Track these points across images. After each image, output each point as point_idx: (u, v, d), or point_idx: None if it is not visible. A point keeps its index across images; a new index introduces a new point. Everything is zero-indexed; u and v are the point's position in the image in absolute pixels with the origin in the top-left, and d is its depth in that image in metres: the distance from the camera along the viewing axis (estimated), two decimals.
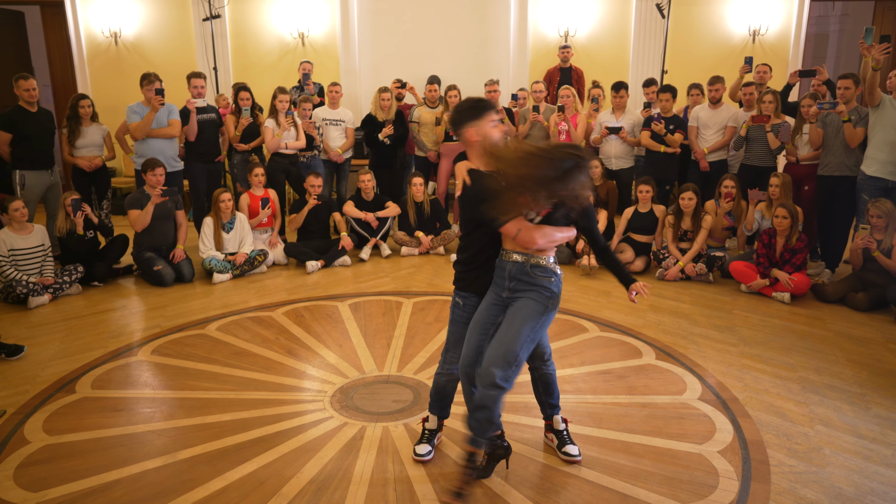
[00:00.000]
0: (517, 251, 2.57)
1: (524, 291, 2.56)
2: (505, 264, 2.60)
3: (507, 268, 2.59)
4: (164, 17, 8.70)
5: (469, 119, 2.60)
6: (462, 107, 2.64)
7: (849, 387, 3.58)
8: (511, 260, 2.58)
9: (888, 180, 4.96)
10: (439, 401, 2.92)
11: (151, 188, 5.47)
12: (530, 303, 2.54)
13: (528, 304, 2.54)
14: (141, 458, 2.89)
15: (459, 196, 2.66)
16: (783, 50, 8.50)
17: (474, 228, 2.66)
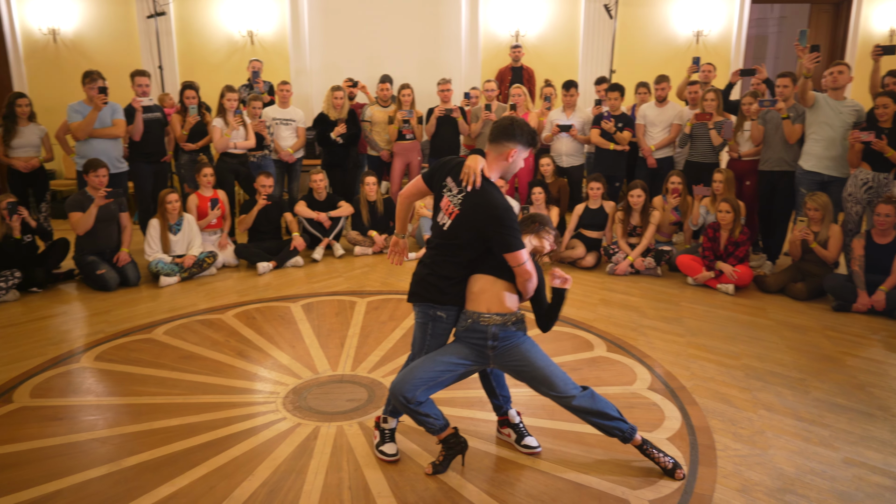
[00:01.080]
0: (496, 312, 2.65)
1: (510, 349, 2.68)
2: (485, 328, 2.65)
3: (488, 331, 2.65)
4: (106, 14, 8.43)
5: (521, 143, 2.61)
6: (523, 129, 2.61)
7: (789, 372, 3.72)
8: (492, 323, 2.65)
9: (824, 174, 5.17)
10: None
11: (94, 190, 5.29)
12: (526, 352, 2.69)
13: (526, 354, 2.68)
14: (84, 467, 2.79)
15: (481, 206, 2.57)
16: (725, 50, 8.77)
17: (485, 252, 2.64)
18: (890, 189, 4.90)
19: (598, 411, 2.68)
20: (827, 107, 5.11)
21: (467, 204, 2.59)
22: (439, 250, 2.70)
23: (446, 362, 2.69)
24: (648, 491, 2.63)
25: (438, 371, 2.67)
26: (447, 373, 2.69)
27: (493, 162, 2.64)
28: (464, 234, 2.62)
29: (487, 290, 2.66)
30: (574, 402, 2.66)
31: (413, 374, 2.66)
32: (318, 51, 8.81)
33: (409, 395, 2.62)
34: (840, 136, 5.07)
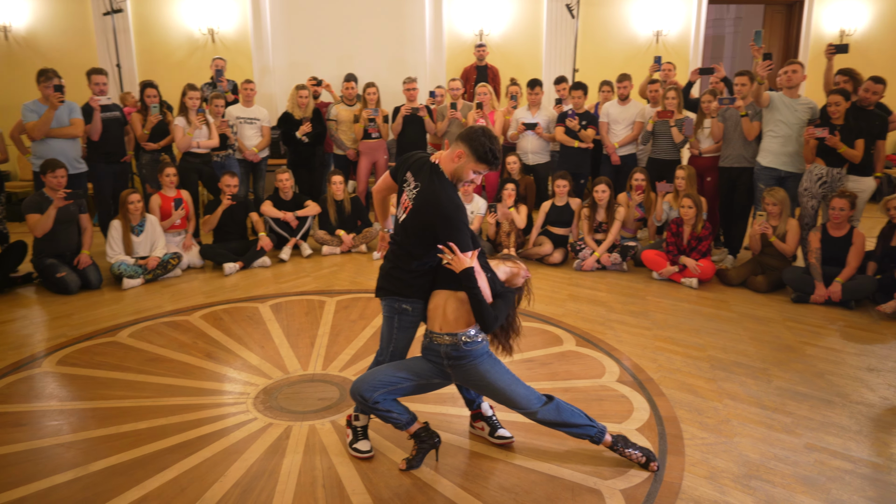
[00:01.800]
0: (445, 332, 2.63)
1: (466, 368, 2.66)
2: (438, 347, 2.67)
3: (440, 350, 2.66)
4: (60, 10, 8.19)
5: (471, 149, 2.55)
6: (482, 141, 2.54)
7: (752, 363, 3.83)
8: (443, 343, 2.65)
9: (781, 170, 5.33)
10: None
11: (52, 191, 5.14)
12: (484, 372, 2.66)
13: (484, 374, 2.66)
14: (49, 472, 2.72)
15: (433, 202, 2.56)
16: (684, 50, 8.97)
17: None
18: (843, 184, 5.08)
19: (564, 422, 2.71)
20: (782, 105, 5.27)
21: (419, 199, 2.61)
22: (399, 245, 2.71)
23: (408, 373, 2.71)
24: (620, 481, 2.68)
25: (399, 378, 2.69)
26: (407, 381, 2.70)
27: (446, 158, 2.64)
28: (415, 229, 2.63)
29: (440, 307, 2.66)
30: (538, 416, 2.69)
31: (375, 375, 2.68)
32: (281, 49, 8.72)
33: (366, 395, 2.64)
34: (796, 133, 5.24)
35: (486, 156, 2.56)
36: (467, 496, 2.59)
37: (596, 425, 2.75)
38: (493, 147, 2.56)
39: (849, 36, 8.98)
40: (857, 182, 5.07)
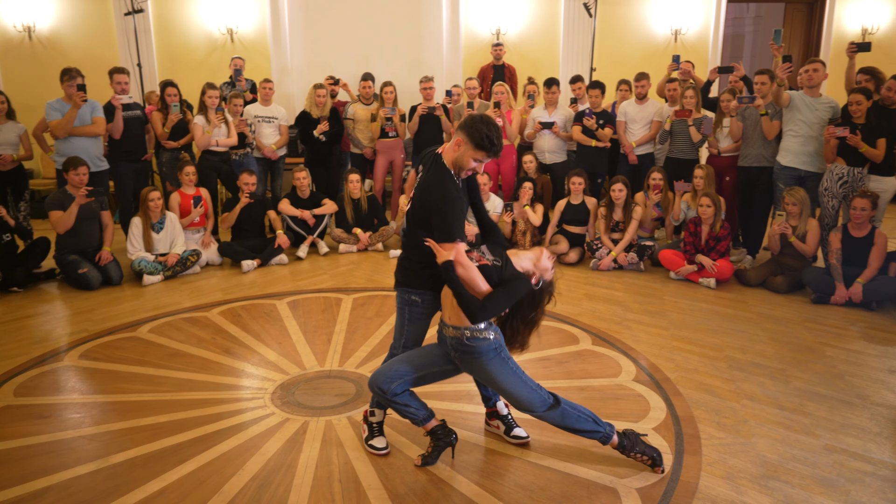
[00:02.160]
0: (451, 325, 2.62)
1: (471, 362, 2.65)
2: (445, 337, 2.67)
3: (447, 341, 2.67)
4: (82, 11, 8.31)
5: (469, 136, 2.52)
6: (479, 127, 2.50)
7: (770, 363, 3.79)
8: (449, 335, 2.64)
9: (801, 170, 5.28)
10: None
11: (74, 188, 5.22)
12: (490, 371, 2.64)
13: (490, 372, 2.64)
14: (72, 464, 2.77)
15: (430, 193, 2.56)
16: (703, 49, 8.90)
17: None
18: (864, 183, 5.01)
19: (569, 427, 2.70)
20: (803, 104, 5.22)
21: (418, 190, 2.63)
22: (408, 236, 2.75)
23: (421, 361, 2.72)
24: (636, 480, 2.68)
25: (415, 366, 2.70)
26: (421, 370, 2.70)
27: (449, 148, 2.63)
28: (417, 219, 2.64)
29: (448, 298, 2.62)
30: (542, 416, 2.69)
31: (391, 366, 2.70)
32: (299, 49, 8.77)
33: (384, 386, 2.66)
34: (816, 133, 5.18)
35: (483, 142, 2.50)
36: (483, 493, 2.60)
37: (602, 429, 2.71)
38: (491, 134, 2.51)
39: (871, 34, 8.85)
40: (878, 182, 5.00)
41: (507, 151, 6.58)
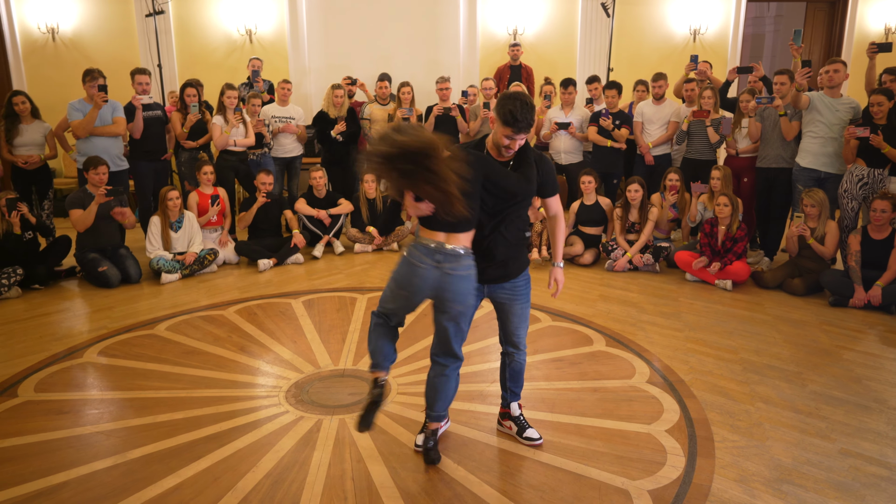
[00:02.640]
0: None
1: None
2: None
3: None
4: (104, 12, 8.44)
5: (497, 112, 2.54)
6: (504, 103, 2.50)
7: (786, 366, 3.76)
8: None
9: (821, 171, 5.22)
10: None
11: (94, 187, 5.31)
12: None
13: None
14: (90, 459, 2.82)
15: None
16: (722, 49, 8.81)
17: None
18: (885, 185, 4.94)
19: (441, 390, 2.77)
20: (823, 105, 5.16)
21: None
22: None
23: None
24: (647, 482, 2.67)
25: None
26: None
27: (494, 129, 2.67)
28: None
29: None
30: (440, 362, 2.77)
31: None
32: (316, 49, 8.83)
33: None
34: (836, 134, 5.12)
35: (507, 117, 2.49)
36: (495, 493, 2.61)
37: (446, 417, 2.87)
38: (515, 108, 2.47)
39: (895, 33, 8.71)
40: None
41: None
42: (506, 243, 2.70)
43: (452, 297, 2.57)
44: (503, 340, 2.92)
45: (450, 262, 2.54)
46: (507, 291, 2.77)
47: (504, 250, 2.70)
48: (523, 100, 2.53)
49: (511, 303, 2.79)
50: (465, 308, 2.64)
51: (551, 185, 2.75)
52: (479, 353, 3.88)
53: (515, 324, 2.84)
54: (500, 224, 2.67)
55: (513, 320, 2.83)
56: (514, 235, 2.71)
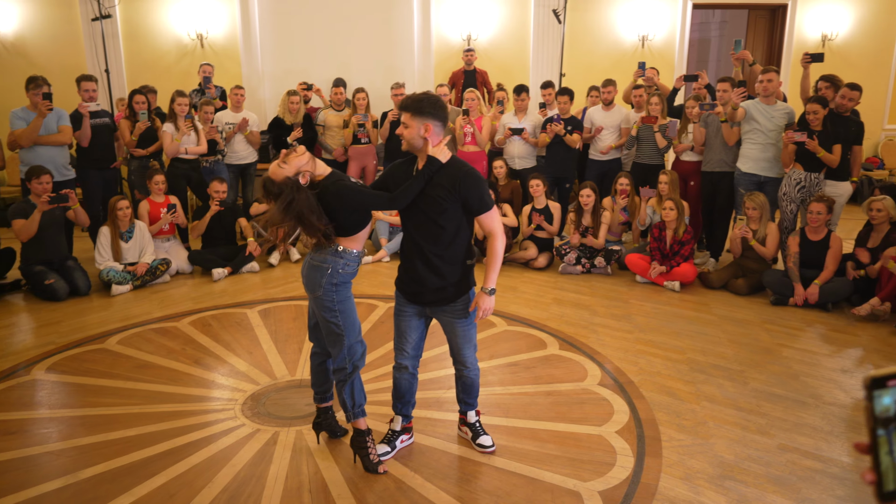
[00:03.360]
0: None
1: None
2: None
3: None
4: (49, 16, 8.20)
5: (434, 118, 2.67)
6: (437, 102, 2.67)
7: (730, 365, 3.92)
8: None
9: (760, 175, 5.44)
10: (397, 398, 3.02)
11: (37, 197, 5.17)
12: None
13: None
14: (39, 480, 2.77)
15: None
16: (669, 54, 9.07)
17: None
18: (821, 188, 5.18)
19: (344, 388, 2.84)
20: (758, 112, 5.37)
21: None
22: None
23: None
24: (598, 483, 2.76)
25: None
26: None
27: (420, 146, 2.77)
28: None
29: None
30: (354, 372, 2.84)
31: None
32: (270, 54, 8.75)
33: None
34: (774, 139, 5.34)
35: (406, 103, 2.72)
36: (450, 499, 2.67)
37: (357, 412, 2.86)
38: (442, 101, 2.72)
39: (831, 40, 9.11)
40: (834, 186, 5.18)
41: (477, 157, 6.65)
42: (433, 269, 2.71)
43: (304, 279, 2.78)
44: (452, 357, 2.99)
45: (316, 250, 2.74)
46: (448, 314, 2.82)
47: (434, 277, 2.73)
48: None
49: (452, 325, 2.84)
50: (313, 297, 2.77)
51: (476, 202, 2.67)
52: (435, 360, 3.93)
53: (459, 344, 2.89)
54: (426, 248, 2.70)
55: (456, 341, 2.89)
56: (447, 260, 2.71)
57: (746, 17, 9.75)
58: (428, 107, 2.64)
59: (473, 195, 2.66)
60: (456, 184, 2.63)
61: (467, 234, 2.75)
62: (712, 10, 11.99)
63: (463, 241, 2.74)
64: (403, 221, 2.79)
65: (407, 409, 3.02)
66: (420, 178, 2.64)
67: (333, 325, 2.75)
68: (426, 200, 2.65)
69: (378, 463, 2.84)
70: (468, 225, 2.75)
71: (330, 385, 3.01)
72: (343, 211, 2.69)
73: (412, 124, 2.65)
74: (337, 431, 3.10)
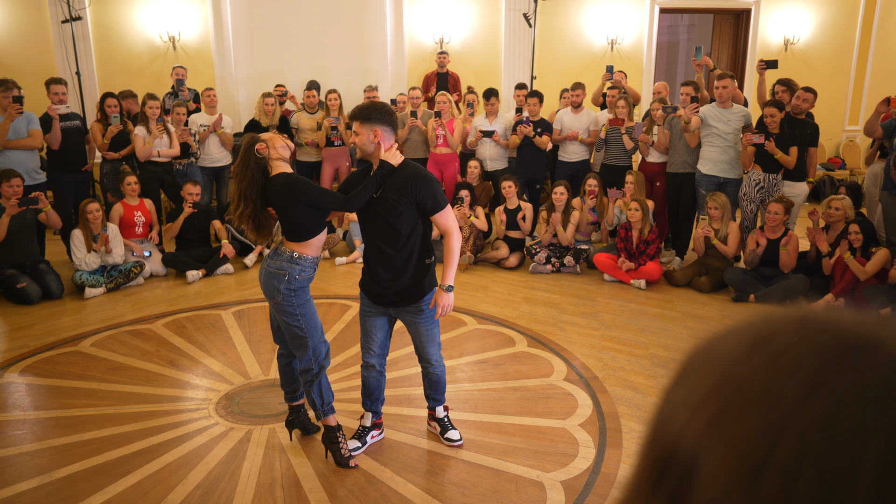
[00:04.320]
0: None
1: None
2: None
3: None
4: (17, 18, 8.13)
5: (382, 123, 2.77)
6: (384, 108, 2.79)
7: None
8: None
9: (720, 177, 5.62)
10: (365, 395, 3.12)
11: (6, 199, 5.16)
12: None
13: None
14: (13, 480, 2.81)
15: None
16: (638, 57, 9.26)
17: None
18: (779, 189, 5.38)
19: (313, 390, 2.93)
20: (715, 117, 5.56)
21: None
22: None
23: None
24: (560, 473, 2.88)
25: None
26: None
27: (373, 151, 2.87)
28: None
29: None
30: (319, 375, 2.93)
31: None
32: (243, 57, 8.77)
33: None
34: (732, 142, 5.54)
35: (393, 119, 2.86)
36: (418, 491, 2.77)
37: (330, 408, 2.97)
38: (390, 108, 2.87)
39: (793, 44, 9.38)
40: (791, 187, 5.38)
41: (449, 159, 6.77)
42: (393, 270, 2.81)
43: (262, 286, 2.87)
44: (417, 355, 3.09)
45: (271, 257, 2.85)
46: (410, 315, 2.92)
47: (394, 278, 2.83)
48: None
49: (415, 325, 2.95)
50: (272, 303, 2.86)
51: (430, 202, 2.76)
52: (405, 358, 4.03)
53: (423, 343, 2.99)
54: (384, 250, 2.80)
55: (420, 340, 2.99)
56: (405, 262, 2.81)
57: (712, 21, 9.99)
58: (375, 113, 2.75)
59: (426, 195, 2.75)
60: (408, 186, 2.73)
61: (424, 234, 2.85)
62: (680, 13, 12.23)
63: (419, 242, 2.83)
64: (362, 225, 2.88)
65: (376, 406, 3.12)
66: (373, 181, 2.74)
67: (296, 328, 2.83)
68: (382, 204, 2.75)
69: (349, 458, 2.94)
70: (424, 225, 2.85)
71: (298, 384, 3.09)
72: (296, 206, 2.75)
73: (362, 131, 2.75)
74: (309, 429, 3.18)
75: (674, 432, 0.40)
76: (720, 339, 0.43)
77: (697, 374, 0.42)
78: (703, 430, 0.39)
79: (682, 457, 0.39)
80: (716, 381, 0.40)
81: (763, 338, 0.40)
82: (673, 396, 0.43)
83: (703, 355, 0.43)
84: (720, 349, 0.42)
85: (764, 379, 0.38)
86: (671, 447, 0.40)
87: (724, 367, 0.40)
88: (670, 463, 0.40)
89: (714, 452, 0.37)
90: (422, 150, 6.86)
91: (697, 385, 0.41)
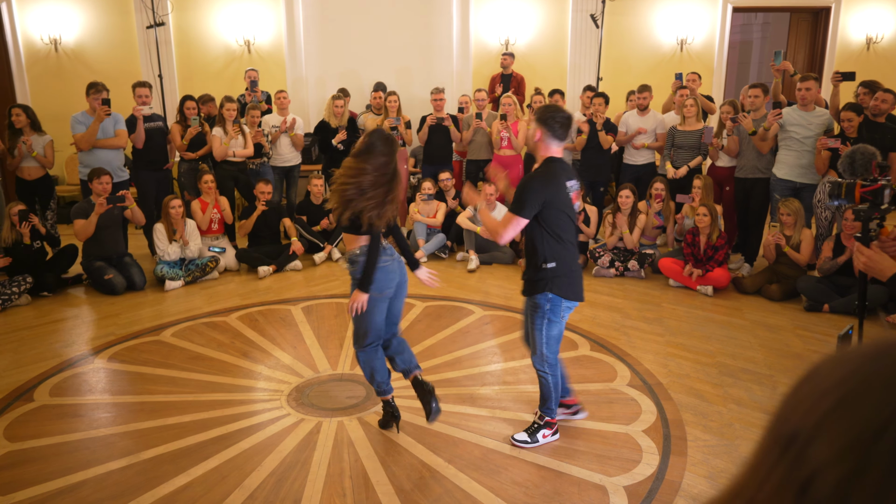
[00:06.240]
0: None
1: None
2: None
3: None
4: (106, 24, 8.63)
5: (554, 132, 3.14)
6: (563, 117, 3.13)
7: (759, 369, 3.98)
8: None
9: (796, 182, 5.45)
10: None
11: (98, 196, 5.51)
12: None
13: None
14: (105, 459, 3.03)
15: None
16: (709, 57, 9.05)
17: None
18: None
19: (371, 367, 3.14)
20: (797, 119, 5.38)
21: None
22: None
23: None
24: (624, 478, 2.89)
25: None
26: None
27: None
28: None
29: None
30: (356, 351, 3.18)
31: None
32: (313, 59, 9.04)
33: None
34: (810, 146, 5.35)
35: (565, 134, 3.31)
36: (481, 489, 2.83)
37: (388, 387, 3.21)
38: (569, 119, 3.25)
39: (876, 42, 8.97)
40: None
41: (514, 161, 6.79)
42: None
43: (406, 279, 3.21)
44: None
45: (394, 254, 3.17)
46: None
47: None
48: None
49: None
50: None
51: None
52: (470, 358, 4.10)
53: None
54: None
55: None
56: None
57: (788, 20, 9.65)
58: (543, 112, 3.20)
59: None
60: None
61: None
62: (754, 12, 11.85)
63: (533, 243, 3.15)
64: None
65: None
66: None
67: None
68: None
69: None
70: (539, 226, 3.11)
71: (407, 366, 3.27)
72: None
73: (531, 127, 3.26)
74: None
75: (797, 419, 0.48)
76: (847, 351, 0.49)
77: (823, 374, 0.49)
78: (824, 414, 0.46)
79: (803, 437, 0.46)
80: (839, 379, 0.47)
81: (885, 349, 0.47)
82: (799, 391, 0.50)
83: (830, 361, 0.50)
84: (846, 357, 0.49)
85: (887, 376, 0.44)
86: (793, 431, 0.47)
87: (850, 368, 0.47)
88: (791, 443, 0.48)
89: (833, 428, 0.45)
90: (486, 152, 6.91)
91: (822, 381, 0.49)
